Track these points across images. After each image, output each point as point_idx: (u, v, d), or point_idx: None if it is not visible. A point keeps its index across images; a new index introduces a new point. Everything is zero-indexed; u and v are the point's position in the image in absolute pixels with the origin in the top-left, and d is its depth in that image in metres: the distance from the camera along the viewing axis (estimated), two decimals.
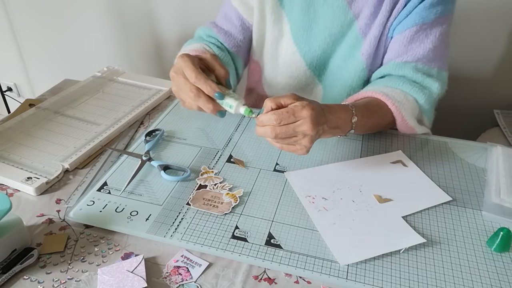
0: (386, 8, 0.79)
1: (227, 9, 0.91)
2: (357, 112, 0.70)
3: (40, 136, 0.78)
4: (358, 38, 0.83)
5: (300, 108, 0.60)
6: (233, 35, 0.91)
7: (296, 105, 0.60)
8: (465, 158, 0.75)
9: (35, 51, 1.98)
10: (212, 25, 0.92)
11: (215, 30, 0.91)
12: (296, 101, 0.61)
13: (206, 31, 0.92)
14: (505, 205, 0.64)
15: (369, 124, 0.74)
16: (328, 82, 0.90)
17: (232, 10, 0.90)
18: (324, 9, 0.83)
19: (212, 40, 0.90)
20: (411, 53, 0.79)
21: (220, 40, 0.90)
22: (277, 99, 0.62)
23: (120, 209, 0.62)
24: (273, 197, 0.65)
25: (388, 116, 0.76)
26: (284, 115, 0.60)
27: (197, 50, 0.84)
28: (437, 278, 0.53)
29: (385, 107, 0.75)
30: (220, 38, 0.90)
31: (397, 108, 0.75)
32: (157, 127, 0.81)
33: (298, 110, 0.60)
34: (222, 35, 0.90)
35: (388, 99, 0.75)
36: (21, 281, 0.53)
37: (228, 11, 0.91)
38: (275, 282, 0.53)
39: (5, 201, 0.53)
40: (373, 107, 0.75)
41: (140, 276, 0.52)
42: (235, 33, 0.91)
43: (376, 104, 0.75)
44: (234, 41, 0.91)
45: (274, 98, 0.62)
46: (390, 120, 0.77)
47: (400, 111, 0.75)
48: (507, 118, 1.26)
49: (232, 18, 0.90)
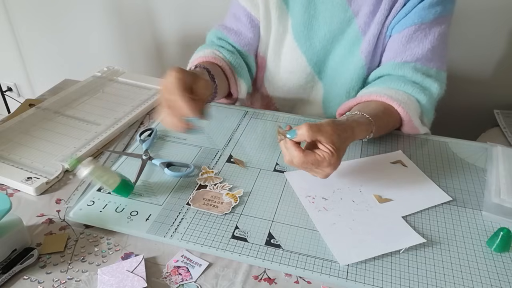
0: (385, 6, 0.79)
1: (235, 9, 0.92)
2: (376, 125, 0.70)
3: (40, 136, 0.78)
4: (357, 36, 0.83)
5: (327, 165, 0.59)
6: (243, 33, 0.91)
7: (324, 159, 0.59)
8: (465, 158, 0.75)
9: (35, 51, 1.98)
10: (221, 27, 0.93)
11: (225, 32, 0.91)
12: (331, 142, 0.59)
13: (216, 33, 0.92)
14: (505, 205, 0.64)
15: (379, 133, 0.75)
16: (328, 80, 0.90)
17: (240, 8, 0.90)
18: (324, 5, 0.84)
19: (222, 43, 0.91)
20: (410, 53, 0.79)
21: (230, 41, 0.91)
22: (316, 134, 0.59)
23: (120, 209, 0.62)
24: (273, 197, 0.65)
25: (397, 121, 0.77)
26: (309, 166, 0.60)
27: (207, 57, 0.85)
28: (437, 278, 0.53)
29: (393, 110, 0.75)
30: (230, 38, 0.91)
31: (404, 110, 0.75)
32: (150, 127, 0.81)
33: (325, 166, 0.59)
34: (232, 35, 0.91)
35: (394, 101, 0.75)
36: (21, 281, 0.53)
37: (237, 11, 0.91)
38: (275, 282, 0.53)
39: (5, 201, 0.53)
40: (387, 116, 0.75)
41: (140, 276, 0.52)
42: (244, 31, 0.91)
43: (388, 112, 0.75)
44: (244, 40, 0.91)
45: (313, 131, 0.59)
46: (397, 123, 0.78)
47: (407, 112, 0.75)
48: (507, 118, 1.26)
49: (241, 17, 0.91)
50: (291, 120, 0.86)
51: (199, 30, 1.63)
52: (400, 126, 0.80)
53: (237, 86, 0.89)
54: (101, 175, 0.61)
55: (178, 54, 1.74)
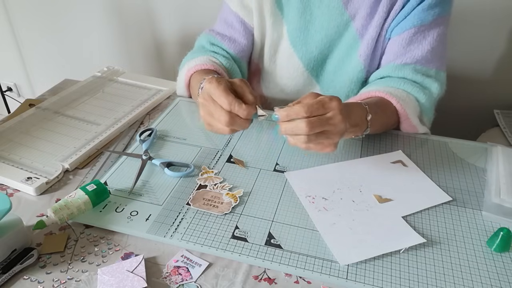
0: (383, 9, 0.79)
1: (226, 15, 0.90)
2: (370, 110, 0.69)
3: (40, 136, 0.78)
4: (355, 39, 0.83)
5: (328, 100, 0.58)
6: (237, 40, 0.90)
7: (322, 98, 0.58)
8: (465, 158, 0.75)
9: (35, 51, 1.98)
10: (213, 33, 0.91)
11: (218, 37, 0.90)
12: (318, 95, 0.59)
13: (209, 38, 0.90)
14: (505, 205, 0.64)
15: (380, 123, 0.73)
16: (326, 84, 0.90)
17: (232, 15, 0.89)
18: (320, 10, 0.83)
19: (216, 49, 0.89)
20: (410, 55, 0.79)
21: (225, 47, 0.89)
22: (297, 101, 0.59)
23: (120, 209, 0.62)
24: (273, 197, 0.65)
25: (394, 114, 0.77)
26: (314, 107, 0.57)
27: (205, 64, 0.83)
28: (437, 278, 0.53)
29: (391, 105, 0.75)
30: (225, 45, 0.89)
31: (402, 106, 0.75)
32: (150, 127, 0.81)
33: (327, 101, 0.58)
34: (226, 41, 0.89)
35: (393, 97, 0.75)
36: (21, 281, 0.53)
37: (228, 17, 0.90)
38: (275, 282, 0.53)
39: (5, 201, 0.53)
40: (382, 106, 0.74)
41: (140, 276, 0.52)
42: (238, 38, 0.90)
43: (384, 103, 0.75)
44: (239, 47, 0.90)
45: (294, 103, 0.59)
46: (396, 119, 0.78)
47: (405, 109, 0.75)
48: (507, 118, 1.26)
49: (234, 23, 0.89)
50: None
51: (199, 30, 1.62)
52: (398, 124, 0.80)
53: None
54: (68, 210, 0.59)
55: (178, 54, 1.75)
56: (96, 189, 0.62)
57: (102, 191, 0.63)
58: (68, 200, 0.60)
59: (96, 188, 0.62)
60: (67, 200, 0.60)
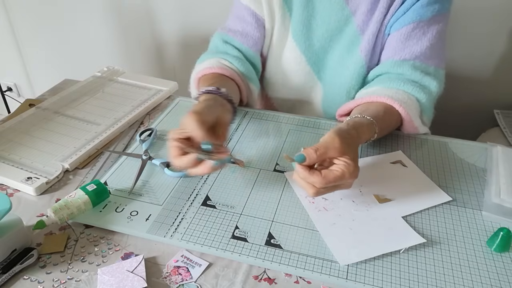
0: (383, 5, 0.79)
1: (238, 10, 0.90)
2: (378, 128, 0.70)
3: (40, 136, 0.78)
4: (356, 35, 0.84)
5: (348, 177, 0.57)
6: (250, 33, 0.89)
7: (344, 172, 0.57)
8: (465, 158, 0.75)
9: (35, 51, 1.98)
10: (225, 30, 0.91)
11: (230, 34, 0.89)
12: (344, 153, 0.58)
13: (222, 36, 0.90)
14: (505, 205, 0.64)
15: (384, 133, 0.75)
16: (327, 80, 0.90)
17: (244, 8, 0.89)
18: (322, 4, 0.84)
19: (228, 48, 0.88)
20: (409, 51, 0.79)
21: (236, 43, 0.89)
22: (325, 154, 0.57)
23: (120, 209, 0.62)
24: (273, 197, 0.65)
25: (397, 120, 0.77)
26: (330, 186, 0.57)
27: (213, 68, 0.83)
28: (437, 278, 0.53)
29: (394, 111, 0.75)
30: (237, 40, 0.89)
31: (405, 110, 0.75)
32: (150, 127, 0.81)
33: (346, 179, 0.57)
34: (238, 36, 0.89)
35: (395, 102, 0.75)
36: (21, 281, 0.53)
37: (240, 12, 0.90)
38: (275, 282, 0.53)
39: (5, 201, 0.53)
40: (388, 116, 0.74)
41: (140, 276, 0.52)
42: (251, 31, 0.89)
43: (388, 112, 0.75)
44: (252, 40, 0.89)
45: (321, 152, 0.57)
46: (398, 124, 0.78)
47: (408, 112, 0.75)
48: (507, 118, 1.26)
49: (245, 17, 0.89)
50: (291, 120, 0.85)
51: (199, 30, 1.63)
52: (400, 125, 0.80)
53: (250, 91, 0.89)
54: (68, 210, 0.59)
55: (178, 54, 1.75)
56: (96, 189, 0.62)
57: (102, 191, 0.63)
58: (68, 200, 0.60)
59: (96, 188, 0.62)
60: (67, 200, 0.60)
